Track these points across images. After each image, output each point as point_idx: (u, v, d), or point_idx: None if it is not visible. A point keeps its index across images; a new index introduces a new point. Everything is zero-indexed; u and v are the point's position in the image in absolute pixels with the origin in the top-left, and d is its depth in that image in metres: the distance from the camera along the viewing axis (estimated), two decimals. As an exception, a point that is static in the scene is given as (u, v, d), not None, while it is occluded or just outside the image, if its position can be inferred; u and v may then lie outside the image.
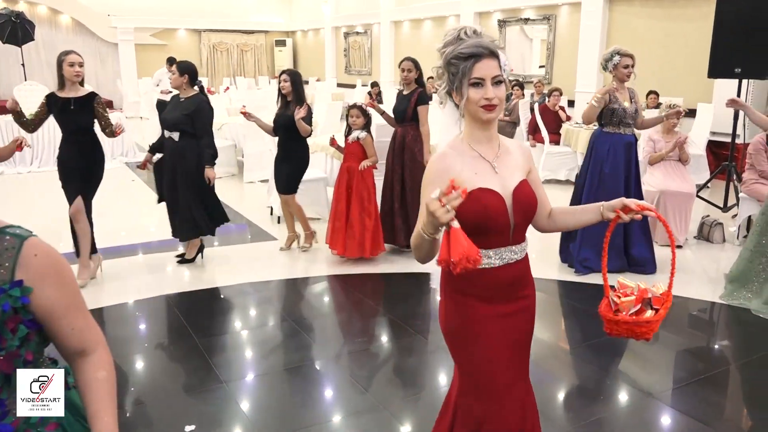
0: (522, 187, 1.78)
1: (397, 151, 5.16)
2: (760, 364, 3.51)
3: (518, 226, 1.78)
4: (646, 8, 9.70)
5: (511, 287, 1.81)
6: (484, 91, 1.68)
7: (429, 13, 14.77)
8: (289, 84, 4.91)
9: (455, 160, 1.75)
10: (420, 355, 3.63)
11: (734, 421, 3.01)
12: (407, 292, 4.66)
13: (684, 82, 8.97)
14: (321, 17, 18.88)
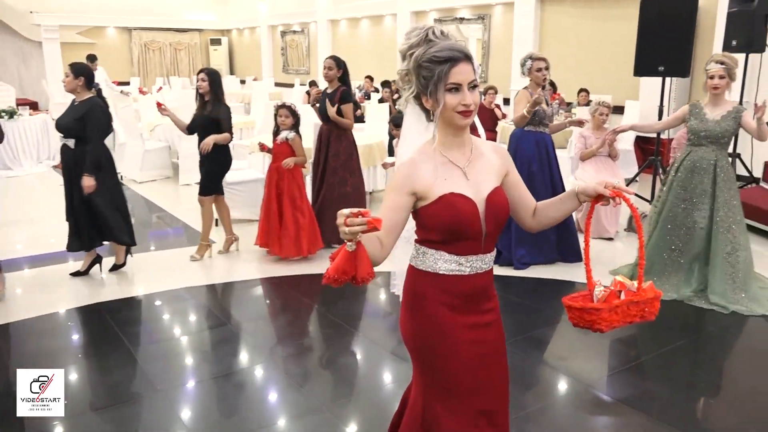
0: (496, 193, 1.73)
1: (322, 148, 5.20)
2: (684, 348, 3.68)
3: (490, 234, 1.72)
4: (576, 8, 10.01)
5: (477, 299, 1.76)
6: (462, 96, 1.62)
7: (366, 12, 14.79)
8: (207, 83, 4.79)
9: (424, 166, 1.68)
10: (360, 354, 3.63)
11: (663, 405, 3.14)
12: (344, 291, 4.65)
13: (612, 80, 9.29)
14: (256, 15, 18.61)
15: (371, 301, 4.53)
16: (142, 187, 8.00)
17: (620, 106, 8.71)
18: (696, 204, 4.22)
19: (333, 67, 5.09)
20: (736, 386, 3.37)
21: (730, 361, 3.69)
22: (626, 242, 5.64)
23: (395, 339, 3.86)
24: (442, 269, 1.71)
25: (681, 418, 2.98)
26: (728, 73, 4.01)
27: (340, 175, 5.16)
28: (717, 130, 4.10)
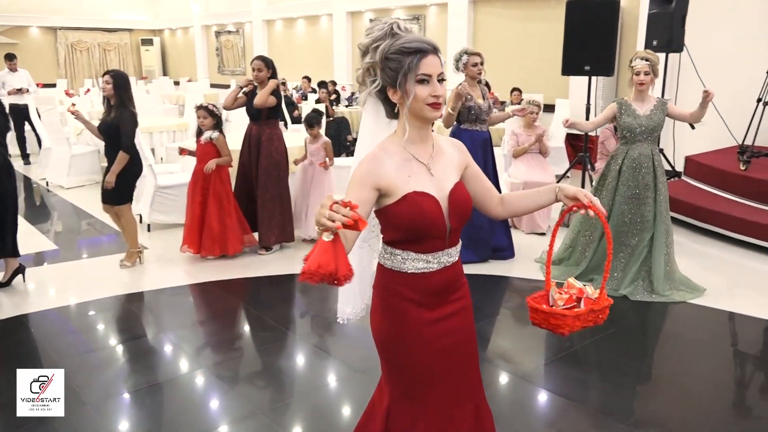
0: (458, 189, 1.72)
1: (252, 149, 5.13)
2: (613, 337, 3.82)
3: (454, 229, 1.72)
4: (507, 9, 10.24)
5: (447, 290, 1.76)
6: (432, 88, 1.60)
7: (301, 12, 14.70)
8: (112, 86, 4.56)
9: (387, 162, 1.65)
10: (298, 357, 3.60)
11: (594, 393, 3.25)
12: (280, 294, 4.61)
13: (543, 79, 9.56)
14: (189, 15, 18.21)
15: (308, 303, 4.50)
16: (70, 193, 7.69)
17: (551, 105, 8.97)
18: (642, 199, 4.29)
19: (263, 69, 5.04)
20: (661, 371, 3.52)
21: (655, 347, 3.84)
22: (558, 236, 5.81)
23: (332, 340, 3.86)
24: (410, 269, 1.70)
25: (609, 403, 3.09)
26: (652, 69, 4.13)
27: (273, 176, 5.10)
28: (650, 124, 4.22)
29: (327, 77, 12.49)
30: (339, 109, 10.72)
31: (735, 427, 2.93)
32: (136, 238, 4.98)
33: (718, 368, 3.48)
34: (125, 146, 4.58)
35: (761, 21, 6.52)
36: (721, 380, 3.36)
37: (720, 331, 4.02)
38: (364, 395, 3.16)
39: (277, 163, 5.10)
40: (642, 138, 4.28)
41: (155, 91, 14.97)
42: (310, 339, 3.82)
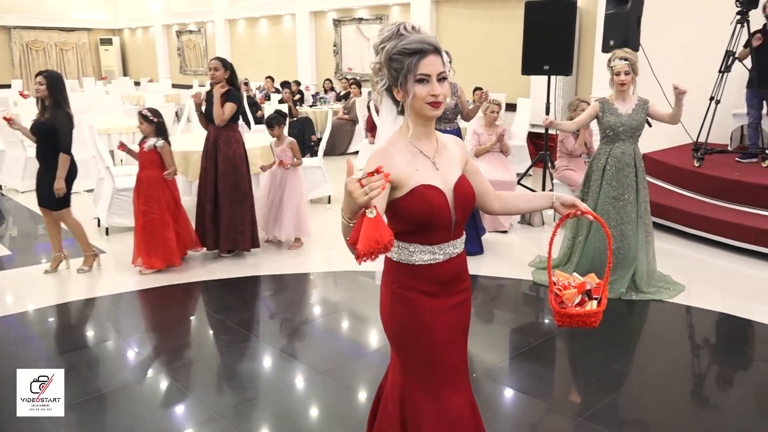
0: (462, 182, 1.80)
1: (210, 153, 5.02)
2: (573, 331, 3.88)
3: (459, 221, 1.79)
4: (468, 9, 10.32)
5: (453, 281, 1.83)
6: (431, 87, 1.66)
7: (264, 12, 14.58)
8: (45, 87, 4.40)
9: (397, 156, 1.72)
10: (259, 359, 3.57)
11: (551, 388, 3.30)
12: (239, 296, 4.57)
13: (505, 79, 9.65)
14: (150, 15, 17.91)
15: (271, 305, 4.47)
16: (25, 197, 7.48)
17: (513, 104, 9.07)
18: (627, 199, 4.31)
19: (219, 68, 4.91)
20: (620, 365, 3.58)
21: (614, 341, 3.91)
22: (520, 234, 5.88)
23: (295, 342, 3.83)
24: (418, 261, 1.77)
25: (568, 398, 3.14)
26: (632, 68, 4.17)
27: (232, 179, 5.00)
28: (632, 123, 4.25)
29: (290, 77, 12.42)
30: (303, 109, 10.67)
31: (691, 418, 3.00)
32: (86, 240, 4.85)
33: (675, 361, 3.56)
34: (65, 148, 4.44)
35: (714, 21, 6.69)
36: (677, 372, 3.44)
37: (677, 324, 4.12)
38: (328, 397, 3.16)
39: (235, 166, 5.00)
40: (624, 137, 4.30)
41: (115, 92, 14.66)
42: (273, 341, 3.79)
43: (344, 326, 4.10)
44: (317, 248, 5.50)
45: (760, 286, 4.58)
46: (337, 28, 12.97)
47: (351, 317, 4.22)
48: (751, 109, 6.41)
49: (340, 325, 4.11)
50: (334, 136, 10.18)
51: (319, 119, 10.45)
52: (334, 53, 13.14)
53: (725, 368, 3.58)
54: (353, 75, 12.39)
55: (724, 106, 6.40)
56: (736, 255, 5.11)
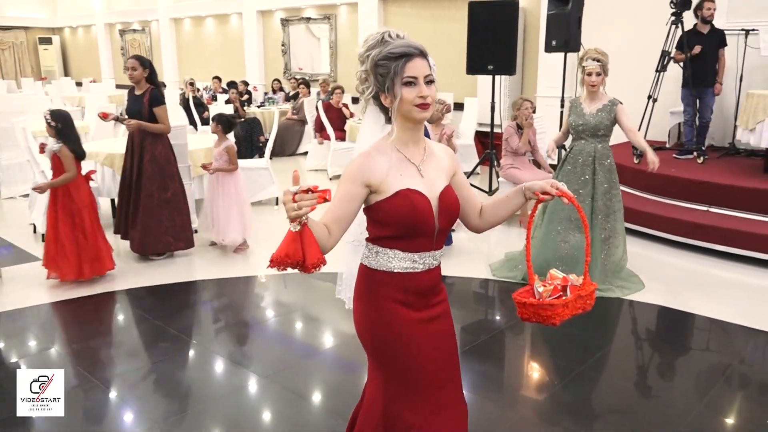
0: (448, 191, 1.77)
1: (134, 153, 4.88)
2: (516, 327, 3.94)
3: (441, 231, 1.76)
4: (416, 9, 10.37)
5: (429, 293, 1.80)
6: (419, 89, 1.65)
7: (210, 11, 14.32)
8: None
9: (379, 160, 1.71)
10: (199, 366, 3.49)
11: (496, 385, 3.34)
12: (182, 303, 4.47)
13: (452, 79, 9.73)
14: (91, 13, 17.38)
15: (212, 310, 4.38)
16: (-44, 204, 7.16)
17: (461, 103, 9.15)
18: (581, 195, 4.36)
19: (137, 68, 4.70)
20: (564, 360, 3.65)
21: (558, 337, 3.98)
22: (470, 235, 5.93)
23: (237, 348, 3.77)
24: (396, 267, 1.74)
25: (513, 394, 3.17)
26: (603, 69, 4.23)
27: (158, 181, 4.85)
28: (592, 123, 4.30)
29: (238, 77, 12.24)
30: (251, 109, 10.52)
31: (638, 406, 3.07)
32: None
33: (618, 353, 3.65)
34: None
35: (651, 21, 6.89)
36: (621, 364, 3.52)
37: (619, 318, 4.21)
38: (270, 402, 3.12)
39: (162, 167, 4.87)
40: (585, 136, 4.37)
41: (55, 93, 14.16)
42: (214, 347, 3.71)
43: (291, 329, 4.05)
44: (264, 250, 5.42)
45: (695, 279, 4.74)
46: (285, 28, 12.85)
47: (298, 320, 4.17)
48: (687, 107, 6.63)
49: (287, 328, 4.06)
50: (283, 136, 10.09)
51: (268, 120, 10.33)
52: (282, 53, 13.02)
53: (667, 358, 3.69)
54: (302, 75, 12.31)
55: (661, 105, 6.61)
56: (673, 249, 5.28)
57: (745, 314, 4.00)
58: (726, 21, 6.84)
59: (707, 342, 3.93)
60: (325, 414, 3.02)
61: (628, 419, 2.95)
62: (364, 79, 1.74)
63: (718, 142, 7.16)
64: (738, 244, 4.94)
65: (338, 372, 3.47)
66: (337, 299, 4.60)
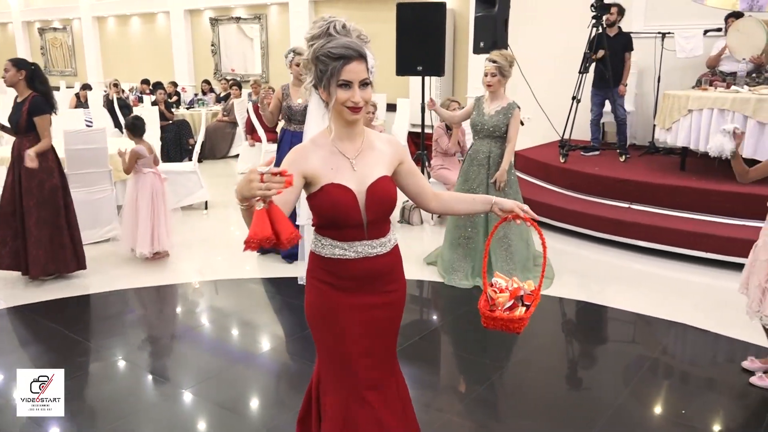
0: (378, 183, 1.81)
1: (15, 166, 4.44)
2: (445, 328, 3.95)
3: (373, 222, 1.81)
4: (347, 10, 10.32)
5: (373, 280, 1.85)
6: (352, 93, 1.70)
7: (135, 9, 13.84)
8: None
9: (314, 154, 1.78)
10: (119, 379, 3.34)
11: (423, 387, 3.33)
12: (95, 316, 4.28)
13: (386, 80, 9.72)
14: (7, 10, 16.48)
15: (132, 321, 4.20)
16: None
17: (393, 104, 9.17)
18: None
19: (9, 69, 4.27)
20: (494, 359, 3.68)
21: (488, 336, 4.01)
22: (402, 233, 5.93)
23: (160, 360, 3.62)
24: (328, 254, 1.83)
25: (441, 396, 3.17)
26: (500, 71, 4.26)
27: (36, 197, 4.40)
28: (489, 123, 4.36)
29: (167, 78, 11.87)
30: (180, 111, 10.23)
31: (565, 400, 3.12)
32: None
33: (546, 348, 3.71)
34: None
35: (574, 23, 7.08)
36: (548, 359, 3.58)
37: (545, 313, 4.29)
38: (194, 415, 3.00)
39: (40, 182, 4.39)
40: (482, 135, 4.43)
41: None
42: (136, 360, 3.55)
43: (217, 338, 3.93)
44: (194, 256, 5.26)
45: (618, 274, 4.89)
46: (215, 28, 12.56)
47: (227, 328, 4.06)
48: (595, 106, 6.87)
49: (213, 337, 3.93)
50: (213, 139, 9.85)
51: (197, 121, 10.05)
52: (212, 53, 12.72)
53: (592, 352, 3.78)
54: (234, 76, 12.06)
55: (584, 105, 6.81)
56: (597, 245, 5.43)
57: (665, 307, 4.15)
58: (644, 24, 7.12)
59: (630, 335, 4.05)
60: (259, 425, 2.93)
61: (556, 412, 3.00)
62: (306, 66, 1.79)
63: (639, 141, 7.44)
64: (658, 239, 5.12)
65: (271, 379, 3.39)
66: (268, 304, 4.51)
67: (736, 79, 6.09)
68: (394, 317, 1.95)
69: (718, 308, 4.07)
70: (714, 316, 3.96)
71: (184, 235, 5.71)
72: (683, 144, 5.71)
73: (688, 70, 6.99)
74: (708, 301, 4.23)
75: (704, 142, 5.42)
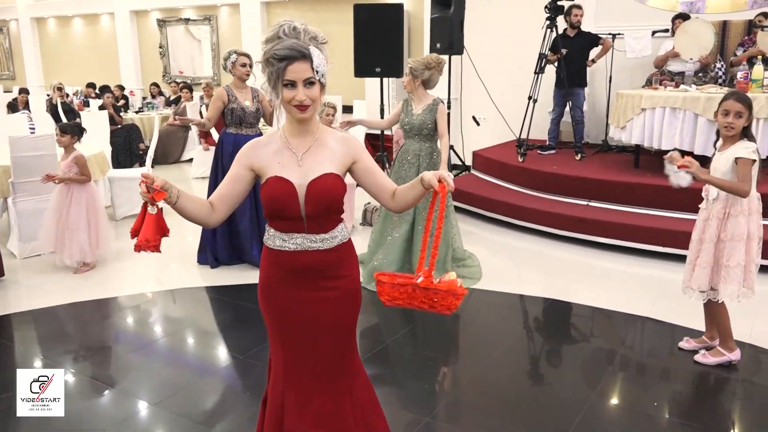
0: (321, 179, 1.86)
1: None
2: (414, 333, 3.93)
3: (313, 217, 1.87)
4: (300, 11, 10.23)
5: (314, 275, 1.91)
6: (296, 92, 1.78)
7: (77, 10, 13.37)
8: None
9: (264, 148, 1.90)
10: (74, 396, 3.18)
11: (395, 389, 3.30)
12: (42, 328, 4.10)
13: (341, 82, 9.66)
14: (-63, 11, 15.69)
15: (83, 334, 4.03)
16: None
17: (349, 106, 9.12)
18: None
19: None
20: (457, 357, 3.68)
21: (451, 335, 4.02)
22: (363, 235, 5.89)
23: (118, 373, 3.48)
24: (271, 244, 1.93)
25: (412, 398, 3.15)
26: (411, 72, 4.36)
27: None
28: (416, 122, 4.41)
29: (113, 81, 11.51)
30: (128, 115, 9.92)
31: (531, 397, 3.14)
32: None
33: (511, 347, 3.72)
34: None
35: (529, 25, 7.19)
36: (514, 357, 3.60)
37: (510, 312, 4.32)
38: (160, 429, 2.88)
39: None
40: (412, 135, 4.49)
41: None
42: (97, 375, 3.40)
43: (177, 350, 3.80)
44: (148, 265, 5.09)
45: (577, 270, 4.97)
46: (163, 29, 12.25)
47: (184, 340, 3.93)
48: (556, 107, 7.00)
49: (173, 350, 3.80)
50: (165, 143, 9.58)
51: (147, 126, 9.78)
52: (160, 55, 12.41)
53: (555, 348, 3.82)
54: (184, 78, 11.78)
55: (540, 105, 6.92)
56: (558, 242, 5.51)
57: (626, 302, 4.23)
58: (595, 25, 7.28)
59: (594, 330, 4.11)
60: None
61: (526, 411, 3.01)
62: (263, 69, 1.85)
63: (592, 140, 7.60)
64: (616, 235, 5.23)
65: (235, 389, 3.29)
66: (230, 311, 4.39)
67: (684, 78, 6.29)
68: (339, 315, 1.96)
69: (676, 300, 4.17)
70: (673, 307, 4.05)
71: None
72: (637, 142, 5.86)
73: (637, 70, 7.19)
74: (669, 293, 4.33)
75: (657, 139, 5.58)
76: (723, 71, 6.44)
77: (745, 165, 3.03)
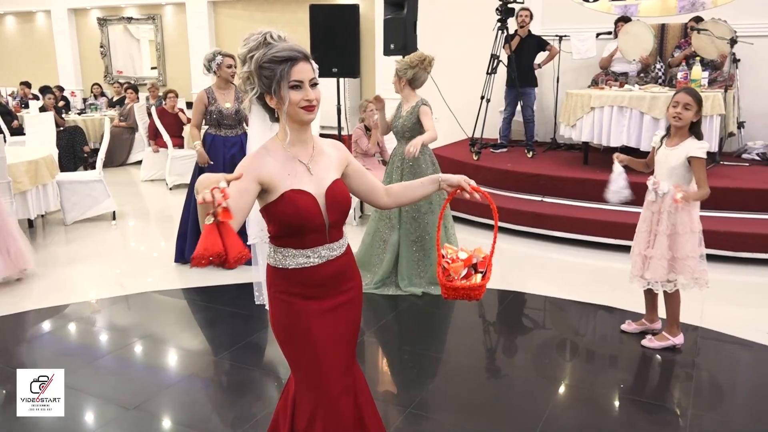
0: (335, 186, 1.83)
1: None
2: (389, 327, 4.00)
3: (333, 224, 1.84)
4: (248, 11, 10.14)
5: (335, 282, 1.87)
6: (305, 92, 1.72)
7: (9, 8, 12.81)
8: None
9: (270, 159, 1.77)
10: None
11: (374, 384, 3.36)
12: (16, 335, 3.97)
13: (291, 82, 9.68)
14: None
15: (57, 340, 3.93)
16: None
17: (302, 106, 9.10)
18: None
19: None
20: (433, 354, 3.77)
21: (426, 332, 4.11)
22: (358, 232, 5.91)
23: (95, 378, 3.41)
24: (291, 264, 1.81)
25: (391, 391, 3.21)
26: (397, 74, 4.38)
27: None
28: (401, 124, 4.40)
29: (50, 82, 11.09)
30: (71, 117, 9.60)
31: (492, 389, 3.26)
32: None
33: (479, 342, 3.85)
34: None
35: (481, 26, 7.36)
36: (483, 350, 3.72)
37: (467, 306, 4.37)
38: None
39: None
40: (399, 137, 4.48)
41: None
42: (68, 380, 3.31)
43: (148, 353, 3.75)
44: (106, 270, 4.97)
45: (532, 262, 5.17)
46: (103, 28, 11.91)
47: (154, 343, 3.87)
48: (508, 106, 7.22)
49: (144, 353, 3.74)
50: (111, 145, 9.29)
51: (90, 128, 9.49)
52: (102, 55, 12.05)
53: (515, 338, 3.98)
54: (126, 79, 11.48)
55: (494, 104, 7.11)
56: (514, 237, 5.70)
57: (580, 291, 4.43)
58: (541, 27, 7.54)
59: (551, 320, 4.29)
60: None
61: (494, 404, 3.13)
62: (246, 79, 1.78)
63: (541, 138, 7.86)
64: (569, 229, 5.45)
65: (213, 389, 3.28)
66: (199, 314, 4.36)
67: (627, 78, 6.60)
68: (355, 315, 1.98)
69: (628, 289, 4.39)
70: (623, 296, 4.26)
71: (95, 248, 5.41)
72: (587, 139, 6.12)
73: (582, 71, 7.49)
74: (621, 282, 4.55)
75: (606, 137, 5.84)
76: (663, 72, 6.79)
77: (702, 166, 3.22)
